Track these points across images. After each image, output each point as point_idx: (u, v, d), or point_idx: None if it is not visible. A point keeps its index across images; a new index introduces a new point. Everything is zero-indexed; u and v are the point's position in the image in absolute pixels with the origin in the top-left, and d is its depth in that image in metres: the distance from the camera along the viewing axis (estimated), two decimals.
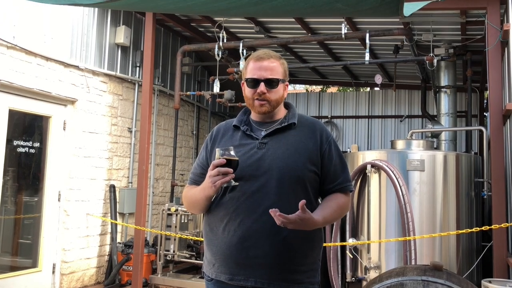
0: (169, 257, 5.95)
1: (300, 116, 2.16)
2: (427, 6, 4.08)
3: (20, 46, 4.97)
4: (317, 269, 2.08)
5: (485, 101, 8.54)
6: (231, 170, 1.87)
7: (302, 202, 1.81)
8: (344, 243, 5.25)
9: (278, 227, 1.92)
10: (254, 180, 1.97)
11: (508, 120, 4.68)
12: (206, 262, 2.10)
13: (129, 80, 6.69)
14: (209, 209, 2.09)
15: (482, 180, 5.45)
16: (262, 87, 2.03)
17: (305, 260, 2.01)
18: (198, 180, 2.11)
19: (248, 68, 2.09)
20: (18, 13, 4.97)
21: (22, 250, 5.35)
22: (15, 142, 5.20)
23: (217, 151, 1.91)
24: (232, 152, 1.90)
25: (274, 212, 1.79)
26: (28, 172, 5.41)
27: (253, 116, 2.16)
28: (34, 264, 5.38)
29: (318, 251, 2.09)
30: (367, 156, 5.40)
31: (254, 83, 2.05)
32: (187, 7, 2.82)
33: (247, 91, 2.10)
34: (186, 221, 6.12)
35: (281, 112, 2.14)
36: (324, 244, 4.36)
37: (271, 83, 2.05)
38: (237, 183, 1.93)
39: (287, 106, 2.19)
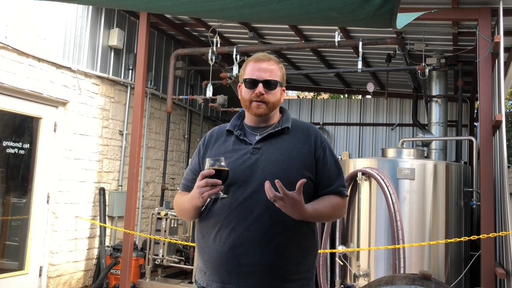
0: (158, 261, 5.91)
1: (294, 120, 2.14)
2: (420, 16, 4.13)
3: (12, 47, 4.93)
4: (311, 277, 2.04)
5: (476, 111, 8.62)
6: (219, 181, 1.83)
7: (302, 181, 1.77)
8: (333, 250, 5.26)
9: (270, 234, 1.91)
10: (247, 186, 1.94)
11: (497, 131, 4.73)
12: (198, 270, 2.07)
13: (122, 82, 6.67)
14: (201, 216, 2.07)
15: (471, 189, 5.49)
16: (260, 87, 2.02)
17: (298, 268, 1.97)
18: (190, 186, 2.07)
19: (247, 69, 2.08)
20: (11, 13, 4.94)
21: (9, 252, 5.28)
22: (5, 143, 5.15)
23: (207, 161, 1.87)
24: (222, 163, 1.86)
25: (269, 184, 1.76)
26: (17, 173, 5.35)
27: (247, 120, 2.14)
28: (20, 267, 5.31)
29: (312, 259, 2.05)
30: (358, 164, 5.42)
31: (252, 83, 2.03)
32: (181, 4, 2.82)
33: (244, 91, 2.07)
34: (175, 225, 6.09)
35: (275, 117, 2.13)
36: None
37: (270, 85, 2.04)
38: (225, 195, 1.90)
39: (281, 110, 2.18)
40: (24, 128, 5.44)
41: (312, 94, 14.15)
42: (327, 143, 2.12)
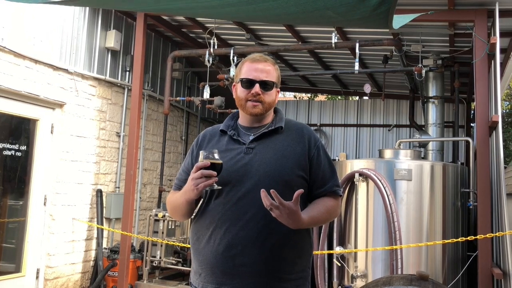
0: (155, 263, 5.90)
1: (288, 120, 2.15)
2: (417, 17, 4.15)
3: (9, 48, 4.92)
4: (307, 277, 2.04)
5: (472, 112, 8.65)
6: (214, 173, 1.83)
7: (299, 192, 1.75)
8: (331, 251, 5.26)
9: (265, 234, 1.90)
10: (241, 186, 1.94)
11: (494, 132, 4.74)
12: (193, 272, 2.06)
13: (119, 84, 6.66)
14: (196, 217, 2.06)
15: (468, 190, 5.50)
16: (257, 88, 2.02)
17: (294, 268, 1.97)
18: (182, 186, 2.06)
19: (243, 69, 2.08)
20: (8, 15, 4.93)
21: (6, 255, 5.26)
22: (1, 145, 5.13)
23: (201, 154, 1.87)
24: (216, 155, 1.87)
25: (265, 192, 1.73)
26: (14, 175, 5.34)
27: (241, 120, 2.15)
28: (17, 269, 5.29)
29: (307, 259, 2.05)
30: (355, 165, 5.43)
31: (249, 83, 2.04)
32: (177, 0, 2.82)
33: (240, 91, 2.07)
34: (173, 227, 6.08)
35: (269, 117, 2.13)
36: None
37: (266, 85, 2.05)
38: (219, 187, 1.90)
39: (274, 110, 2.18)
40: (21, 130, 5.42)
41: (309, 95, 14.17)
42: (321, 143, 2.12)
